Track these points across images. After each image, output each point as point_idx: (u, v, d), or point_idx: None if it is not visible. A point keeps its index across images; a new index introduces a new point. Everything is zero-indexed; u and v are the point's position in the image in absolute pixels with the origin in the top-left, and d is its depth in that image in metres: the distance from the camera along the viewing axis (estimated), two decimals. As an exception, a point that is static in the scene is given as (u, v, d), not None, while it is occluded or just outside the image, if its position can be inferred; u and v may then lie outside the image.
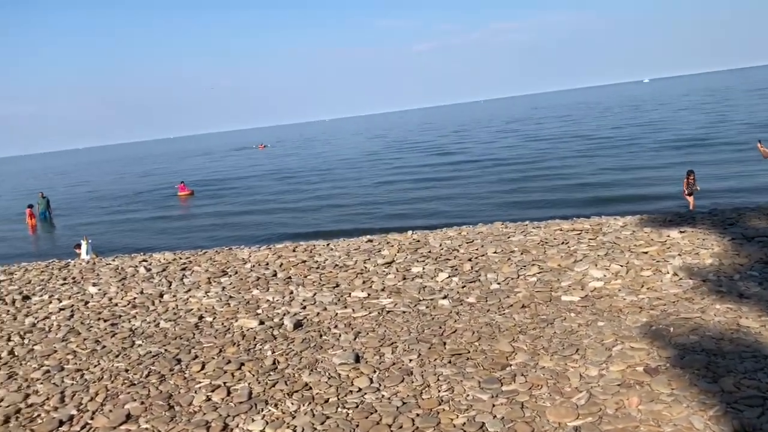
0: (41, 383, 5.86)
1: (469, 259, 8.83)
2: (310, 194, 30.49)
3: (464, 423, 4.40)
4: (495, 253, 8.98)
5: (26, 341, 7.21)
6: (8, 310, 8.60)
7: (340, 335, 6.46)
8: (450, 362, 5.47)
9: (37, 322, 7.95)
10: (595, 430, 4.15)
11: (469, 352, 5.67)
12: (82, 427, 4.91)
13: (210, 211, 28.93)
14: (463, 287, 7.72)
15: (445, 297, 7.38)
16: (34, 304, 8.82)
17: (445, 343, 5.92)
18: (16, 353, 6.81)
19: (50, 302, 8.84)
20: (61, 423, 5.00)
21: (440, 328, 6.37)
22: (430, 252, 9.48)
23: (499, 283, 7.72)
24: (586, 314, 6.37)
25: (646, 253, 8.22)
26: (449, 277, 8.16)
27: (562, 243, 9.14)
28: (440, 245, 9.81)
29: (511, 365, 5.30)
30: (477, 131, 68.35)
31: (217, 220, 26.04)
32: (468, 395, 4.82)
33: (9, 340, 7.31)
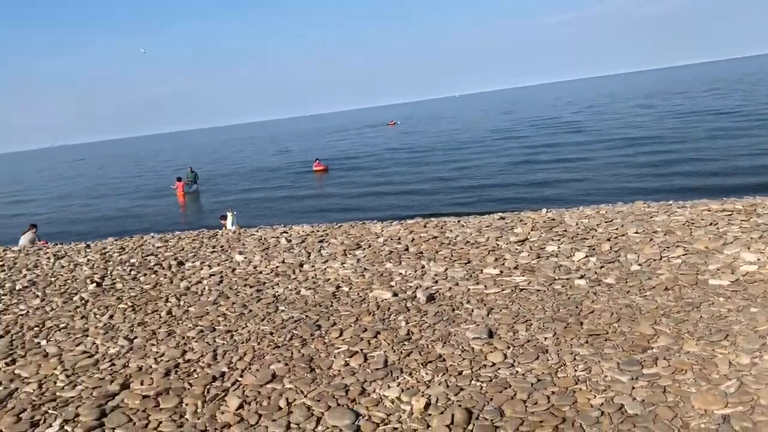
0: (196, 342, 6.36)
1: (608, 239, 8.54)
2: (439, 172, 30.55)
3: (602, 403, 4.32)
4: (636, 233, 8.62)
5: (182, 303, 7.84)
6: (165, 274, 9.38)
7: (472, 310, 6.50)
8: (587, 342, 5.36)
9: (191, 286, 8.61)
10: (747, 420, 3.93)
11: (607, 333, 5.52)
12: (233, 384, 5.28)
13: (343, 188, 29.79)
14: (601, 267, 7.50)
15: (581, 277, 7.21)
16: (188, 270, 9.55)
17: (581, 323, 5.79)
18: (173, 313, 7.43)
19: (201, 268, 9.54)
20: (215, 378, 5.42)
21: (576, 307, 6.24)
22: (565, 231, 9.26)
23: (640, 264, 7.42)
24: (737, 299, 5.99)
25: (807, 237, 7.57)
26: (586, 256, 7.94)
27: (711, 224, 8.61)
28: (577, 224, 9.55)
29: (652, 348, 5.10)
30: (614, 106, 65.24)
31: (349, 195, 26.80)
32: (606, 376, 4.71)
33: (167, 301, 7.98)
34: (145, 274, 9.49)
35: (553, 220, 10.12)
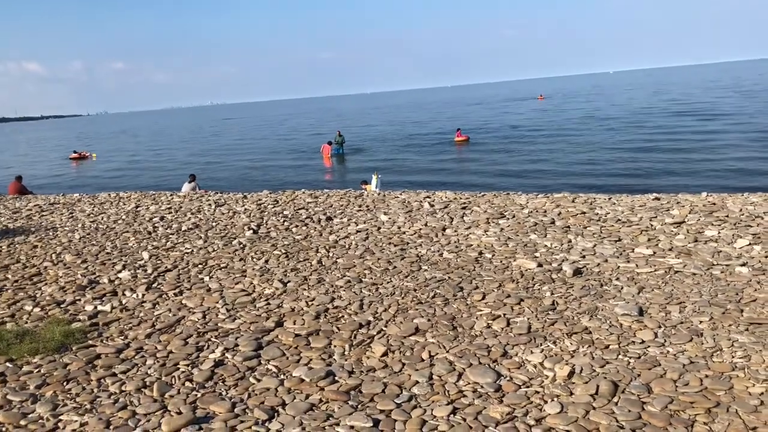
0: (344, 290, 6.68)
1: (776, 228, 7.91)
2: (586, 149, 29.48)
3: (762, 393, 4.07)
4: (810, 224, 7.92)
5: (331, 254, 8.22)
6: (315, 227, 9.85)
7: (622, 287, 6.31)
8: (747, 330, 5.04)
9: (339, 239, 8.99)
10: None
11: (771, 323, 5.16)
12: (378, 332, 5.51)
13: (484, 158, 29.56)
14: (766, 257, 6.98)
15: (743, 264, 6.75)
16: (336, 225, 9.97)
17: (742, 311, 5.45)
18: (323, 263, 7.82)
19: (349, 224, 9.92)
20: (361, 326, 5.67)
21: (737, 294, 5.88)
22: (727, 216, 8.67)
23: (813, 257, 6.83)
24: None
25: None
26: (750, 244, 7.41)
27: None
28: (740, 210, 8.92)
29: (824, 344, 4.72)
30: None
31: (491, 167, 26.57)
32: (768, 366, 4.43)
33: (317, 251, 8.40)
34: (296, 226, 10.02)
35: (714, 204, 9.51)
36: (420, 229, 9.38)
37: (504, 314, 5.74)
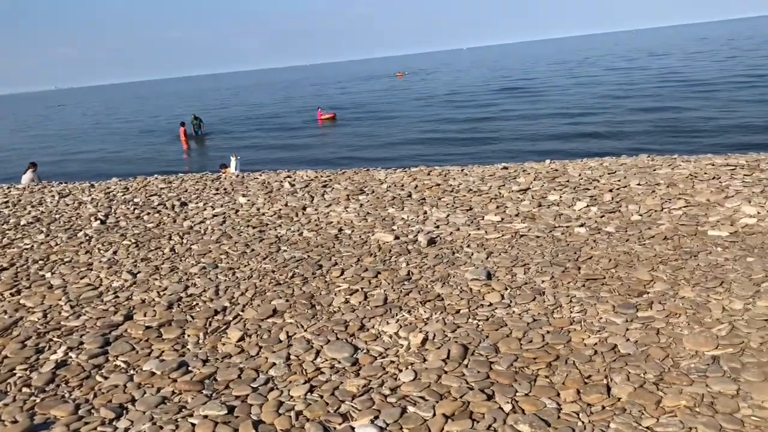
0: (198, 277, 6.45)
1: (610, 190, 8.56)
2: (445, 124, 30.43)
3: (596, 343, 4.40)
4: (638, 185, 8.62)
5: (185, 241, 7.91)
6: (169, 214, 9.44)
7: (472, 254, 6.57)
8: (584, 286, 5.43)
9: (194, 225, 8.67)
10: (736, 362, 4.00)
11: (604, 278, 5.58)
12: (235, 317, 5.38)
13: (347, 137, 29.73)
14: (601, 217, 7.53)
15: (582, 225, 7.25)
16: (191, 210, 9.61)
17: (579, 268, 5.86)
18: (176, 251, 7.51)
19: (205, 209, 9.60)
20: (216, 312, 5.51)
21: (575, 253, 6.30)
22: (568, 181, 9.27)
23: (641, 215, 7.45)
24: (735, 249, 6.03)
25: (809, 192, 7.57)
26: (587, 206, 7.97)
27: (713, 178, 8.60)
28: (579, 175, 9.56)
29: (648, 293, 5.17)
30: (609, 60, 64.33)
31: (353, 144, 26.78)
32: (601, 318, 4.79)
33: (170, 239, 8.06)
34: (148, 213, 9.56)
35: (556, 170, 10.12)
36: (280, 209, 9.26)
37: (362, 288, 5.80)
